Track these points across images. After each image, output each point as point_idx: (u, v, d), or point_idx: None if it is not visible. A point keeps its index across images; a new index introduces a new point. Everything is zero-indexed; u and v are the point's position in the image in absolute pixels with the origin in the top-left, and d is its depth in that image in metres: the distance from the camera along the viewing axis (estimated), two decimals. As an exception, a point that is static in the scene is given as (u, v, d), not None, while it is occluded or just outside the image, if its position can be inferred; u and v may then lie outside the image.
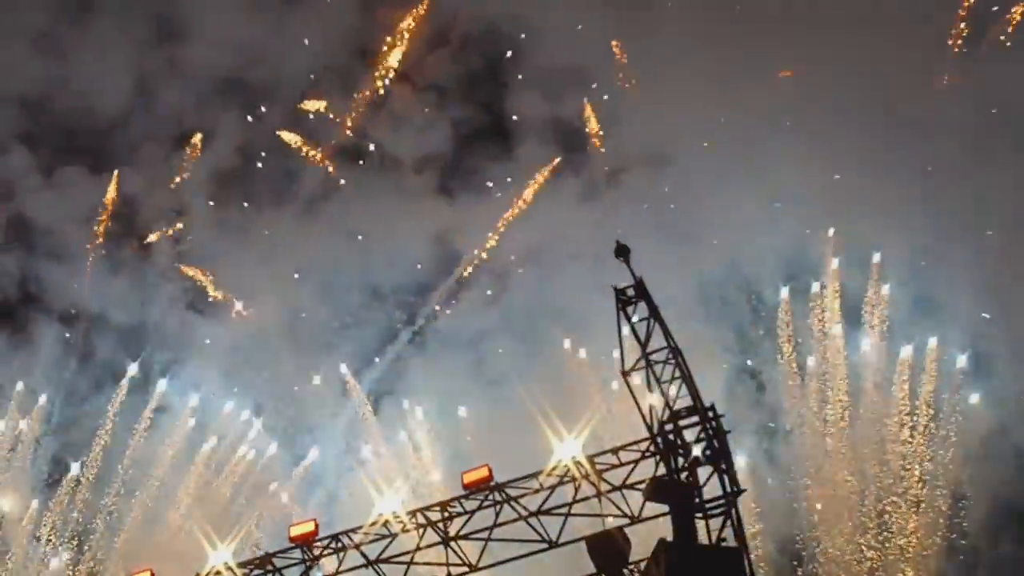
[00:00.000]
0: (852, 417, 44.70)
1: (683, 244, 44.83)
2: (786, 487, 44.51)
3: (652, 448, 20.10)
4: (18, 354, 49.41)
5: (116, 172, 52.53)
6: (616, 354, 21.52)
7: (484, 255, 50.30)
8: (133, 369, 49.17)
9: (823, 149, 43.65)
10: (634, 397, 20.31)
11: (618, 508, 20.25)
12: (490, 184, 51.33)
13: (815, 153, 43.64)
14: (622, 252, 20.46)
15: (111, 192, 52.18)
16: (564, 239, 48.01)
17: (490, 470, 20.91)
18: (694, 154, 46.66)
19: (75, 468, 47.28)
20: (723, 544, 19.61)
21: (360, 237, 50.21)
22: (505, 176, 51.11)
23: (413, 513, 21.12)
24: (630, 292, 20.36)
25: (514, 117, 51.57)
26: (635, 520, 20.15)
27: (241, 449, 47.44)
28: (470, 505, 20.88)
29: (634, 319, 20.51)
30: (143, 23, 53.20)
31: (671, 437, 19.94)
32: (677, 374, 20.05)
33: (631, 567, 20.19)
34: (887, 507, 43.18)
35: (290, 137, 52.34)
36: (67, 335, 50.34)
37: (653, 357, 20.24)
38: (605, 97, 50.91)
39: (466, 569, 20.70)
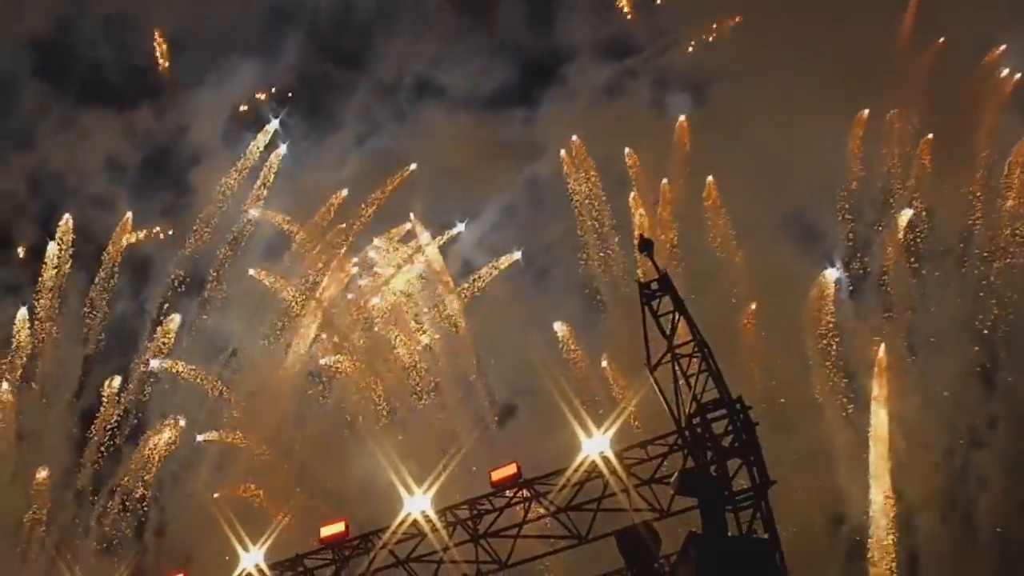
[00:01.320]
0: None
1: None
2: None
3: (680, 442, 20.21)
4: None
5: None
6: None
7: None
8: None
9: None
10: (660, 391, 20.42)
11: (647, 502, 20.39)
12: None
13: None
14: (645, 247, 20.62)
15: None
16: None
17: (519, 467, 21.10)
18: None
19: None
20: (754, 536, 19.76)
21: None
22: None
23: (442, 512, 21.30)
24: (654, 286, 20.49)
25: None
26: (664, 514, 20.31)
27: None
28: (498, 502, 21.09)
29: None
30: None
31: (699, 430, 20.06)
32: (704, 367, 20.16)
33: (661, 561, 20.43)
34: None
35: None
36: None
37: (679, 351, 20.36)
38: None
39: (496, 566, 20.87)
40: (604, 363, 42.38)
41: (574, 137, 48.95)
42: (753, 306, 43.99)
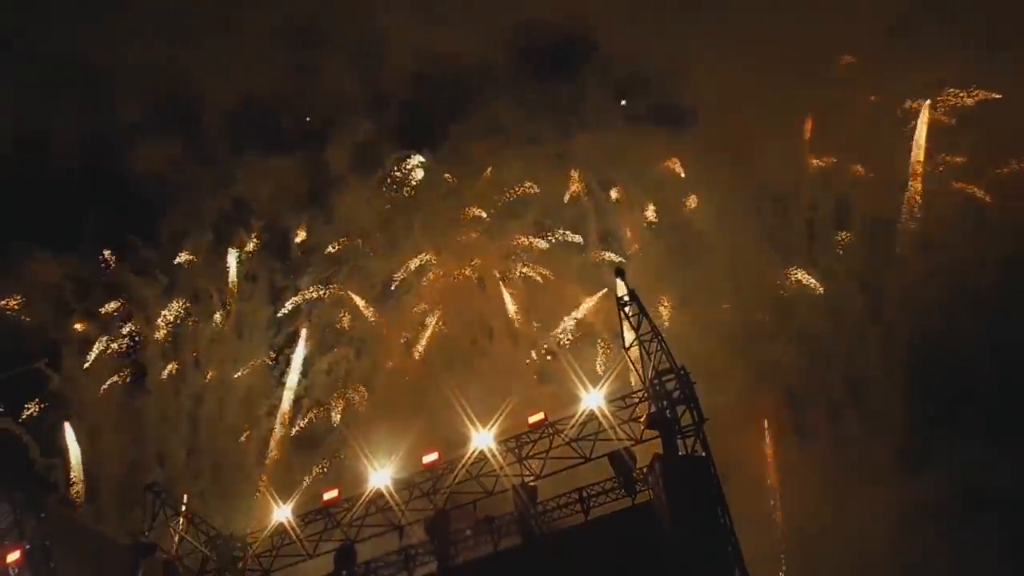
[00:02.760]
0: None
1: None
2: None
3: (646, 395, 31.20)
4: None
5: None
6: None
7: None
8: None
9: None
10: (632, 364, 31.40)
11: (627, 434, 31.47)
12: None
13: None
14: (619, 273, 31.67)
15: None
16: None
17: (546, 414, 32.37)
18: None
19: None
20: (695, 454, 30.54)
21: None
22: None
23: (503, 443, 32.56)
24: (627, 298, 31.50)
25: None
26: (638, 442, 31.34)
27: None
28: (533, 436, 32.46)
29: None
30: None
31: (658, 388, 30.97)
32: (659, 348, 31.01)
33: (637, 471, 31.46)
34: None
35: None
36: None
37: (643, 338, 31.30)
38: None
39: (533, 477, 32.32)
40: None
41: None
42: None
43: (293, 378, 58.60)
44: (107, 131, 63.19)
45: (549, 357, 55.10)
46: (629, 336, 32.05)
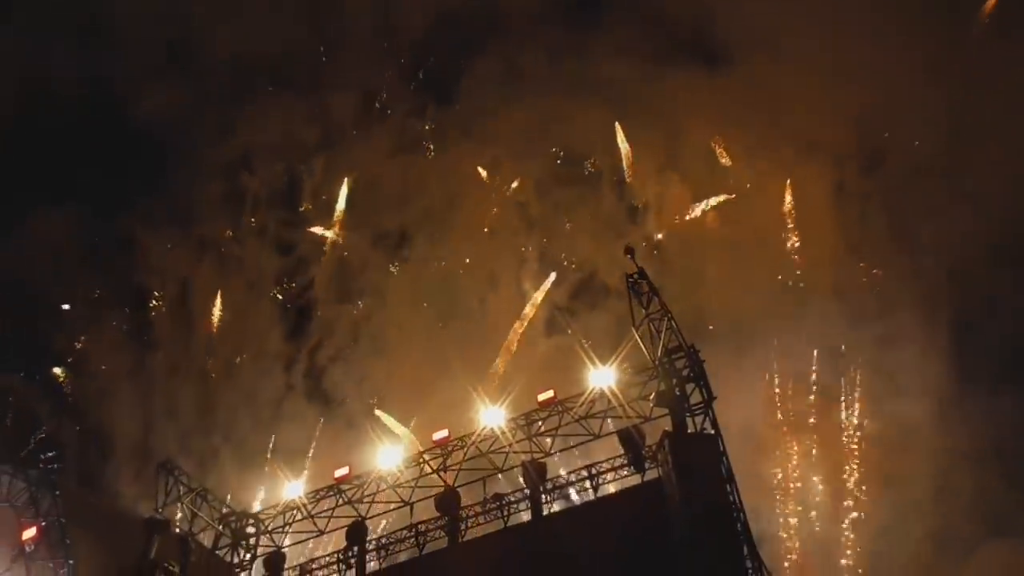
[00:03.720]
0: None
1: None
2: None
3: (655, 374, 31.29)
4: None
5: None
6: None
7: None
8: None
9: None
10: (640, 342, 31.43)
11: (636, 412, 31.64)
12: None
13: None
14: (629, 252, 31.64)
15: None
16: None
17: (555, 392, 32.54)
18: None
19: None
20: (704, 432, 30.68)
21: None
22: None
23: (513, 420, 32.79)
24: (636, 276, 31.51)
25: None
26: (647, 420, 31.50)
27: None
28: (542, 414, 32.66)
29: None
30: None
31: (667, 366, 31.05)
32: (669, 326, 31.06)
33: (646, 449, 31.63)
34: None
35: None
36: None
37: (652, 316, 31.34)
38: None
39: (542, 454, 32.55)
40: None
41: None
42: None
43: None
44: (110, 77, 62.61)
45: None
46: (639, 314, 32.02)
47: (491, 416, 33.05)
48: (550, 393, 32.52)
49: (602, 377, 31.93)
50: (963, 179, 54.82)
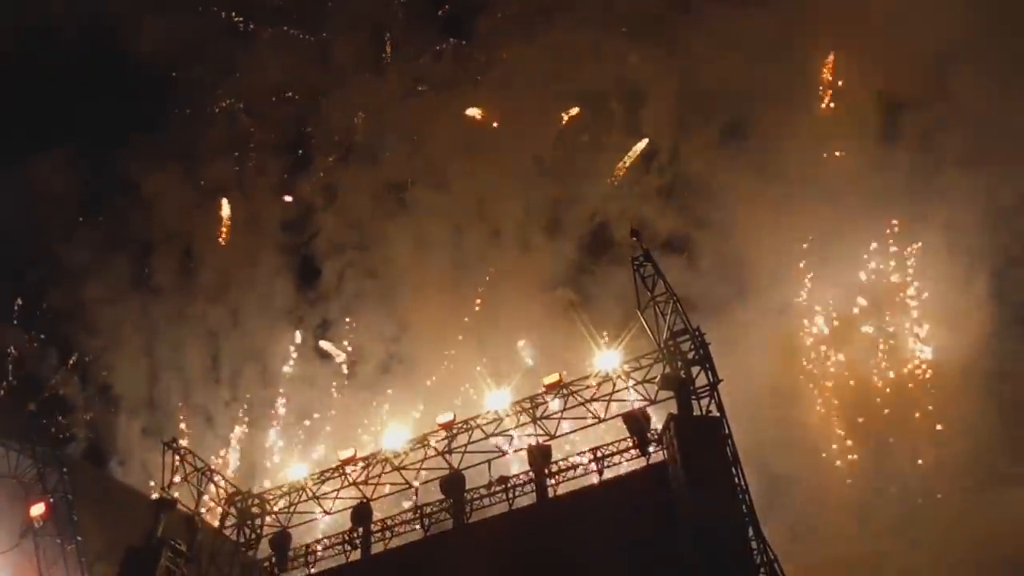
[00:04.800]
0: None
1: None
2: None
3: (660, 356, 31.21)
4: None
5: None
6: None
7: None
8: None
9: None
10: (645, 325, 31.35)
11: (641, 395, 31.60)
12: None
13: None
14: (635, 234, 31.57)
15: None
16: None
17: (561, 375, 32.52)
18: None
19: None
20: (709, 414, 30.60)
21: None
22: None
23: (517, 403, 32.79)
24: (641, 258, 31.43)
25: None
26: (652, 402, 31.46)
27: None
28: (548, 397, 32.65)
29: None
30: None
31: (672, 349, 30.97)
32: (674, 309, 30.97)
33: (651, 432, 31.55)
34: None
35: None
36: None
37: (658, 299, 31.25)
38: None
39: (547, 438, 32.54)
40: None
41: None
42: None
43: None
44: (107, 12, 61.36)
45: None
46: (644, 297, 31.93)
47: (496, 399, 33.09)
48: (556, 376, 32.51)
49: (607, 360, 31.93)
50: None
